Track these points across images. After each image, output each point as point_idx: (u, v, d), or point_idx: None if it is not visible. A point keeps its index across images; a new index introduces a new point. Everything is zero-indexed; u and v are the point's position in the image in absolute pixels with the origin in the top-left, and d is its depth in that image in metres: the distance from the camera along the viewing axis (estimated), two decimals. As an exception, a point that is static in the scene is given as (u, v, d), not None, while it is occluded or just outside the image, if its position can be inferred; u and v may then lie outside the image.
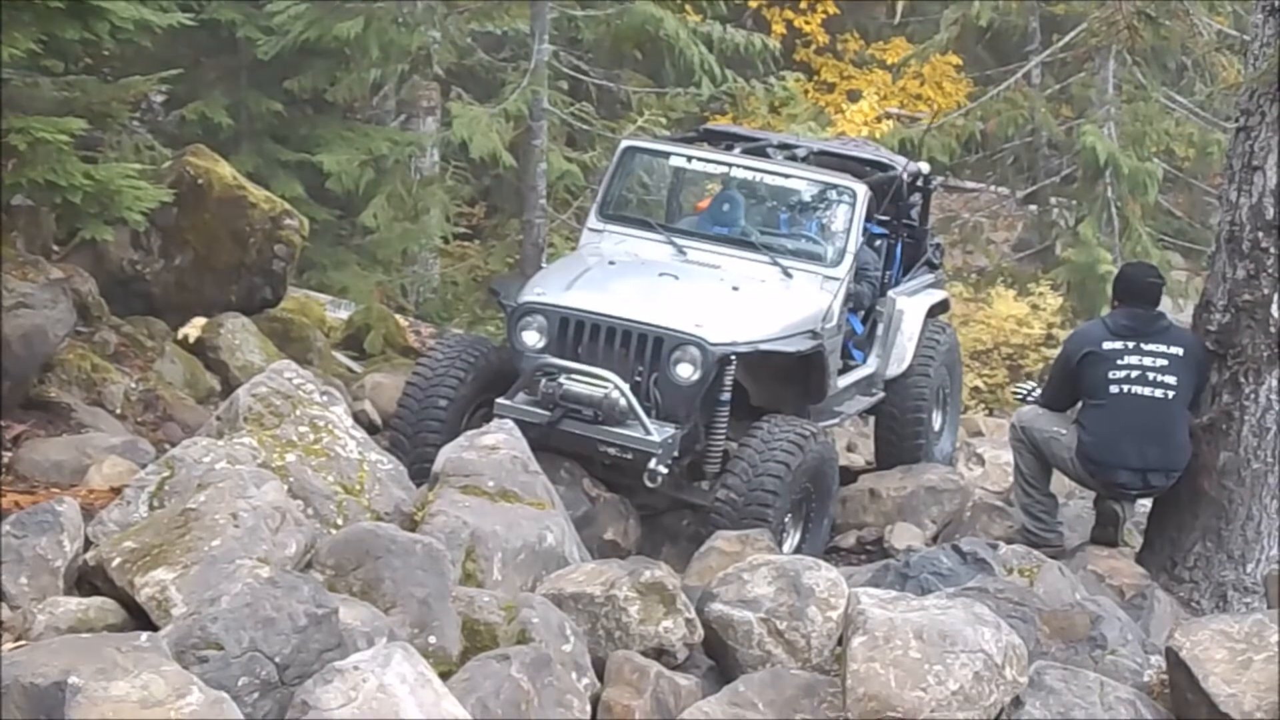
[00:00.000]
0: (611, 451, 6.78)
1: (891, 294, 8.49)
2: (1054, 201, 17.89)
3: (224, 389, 7.86)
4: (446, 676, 4.21)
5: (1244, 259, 6.37)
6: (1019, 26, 17.75)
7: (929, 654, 4.34)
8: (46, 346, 6.52)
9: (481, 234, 15.26)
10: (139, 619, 4.39)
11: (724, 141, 8.69)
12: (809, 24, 20.47)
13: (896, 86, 20.12)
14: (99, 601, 4.45)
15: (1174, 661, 4.62)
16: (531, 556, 5.33)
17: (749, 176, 8.04)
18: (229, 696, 3.76)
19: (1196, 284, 12.66)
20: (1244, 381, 6.41)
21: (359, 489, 5.49)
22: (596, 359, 6.86)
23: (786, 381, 7.44)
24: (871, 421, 8.90)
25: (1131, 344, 6.68)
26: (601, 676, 4.68)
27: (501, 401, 6.86)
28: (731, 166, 8.08)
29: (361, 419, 7.68)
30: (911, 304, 8.56)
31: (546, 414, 6.75)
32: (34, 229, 7.52)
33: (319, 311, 10.84)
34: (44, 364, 6.63)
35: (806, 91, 18.32)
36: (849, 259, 7.67)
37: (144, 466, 5.46)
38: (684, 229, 8.03)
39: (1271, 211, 6.28)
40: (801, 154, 8.36)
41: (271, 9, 10.89)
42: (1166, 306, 6.90)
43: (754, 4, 19.46)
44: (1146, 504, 7.08)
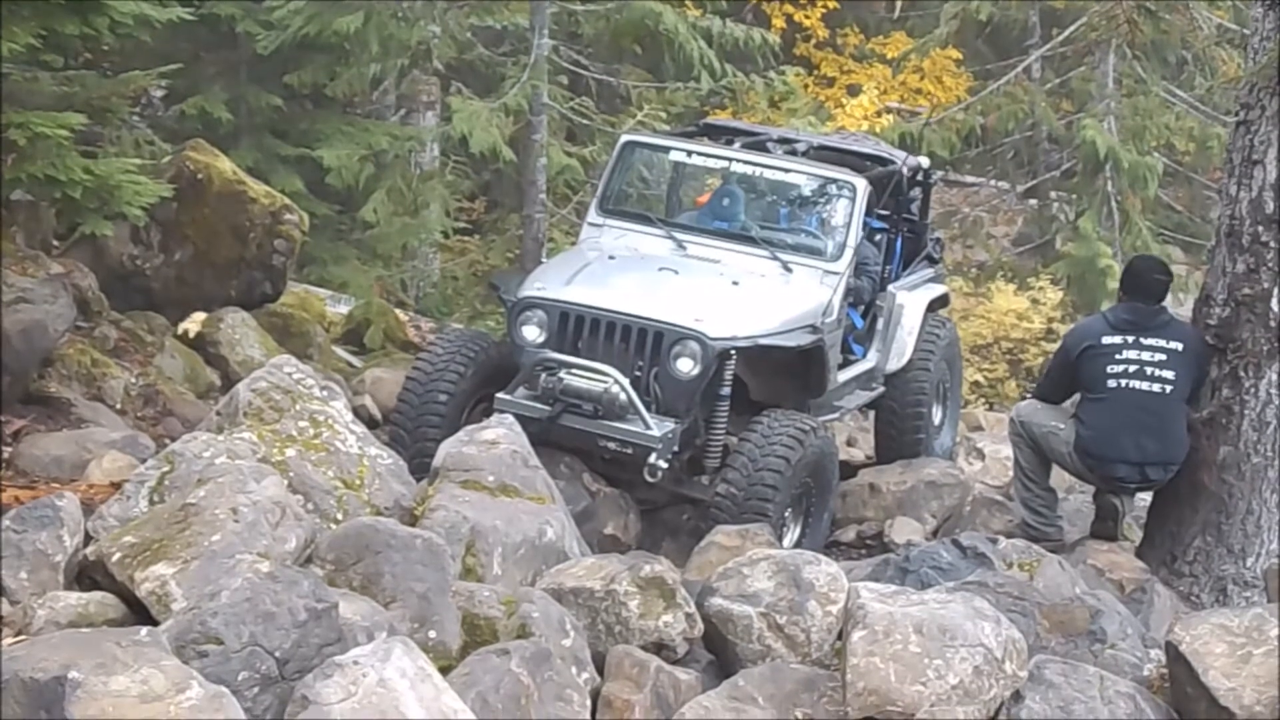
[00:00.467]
0: (611, 446, 6.77)
1: (891, 289, 8.49)
2: (1054, 196, 17.88)
3: (224, 384, 7.86)
4: (446, 671, 4.21)
5: (1244, 253, 6.36)
6: (1019, 21, 17.73)
7: (929, 648, 4.35)
8: (46, 341, 6.52)
9: (481, 229, 15.26)
10: (139, 614, 4.39)
11: (724, 136, 8.69)
12: (809, 18, 20.45)
13: (896, 81, 20.09)
14: (99, 596, 4.46)
15: (1174, 655, 4.62)
16: (531, 551, 5.34)
17: (749, 171, 8.04)
18: (229, 691, 3.76)
19: (1196, 278, 12.65)
20: (1244, 376, 6.41)
21: (359, 484, 5.49)
22: (596, 354, 6.86)
23: (786, 376, 7.44)
24: (871, 416, 8.90)
25: (1131, 338, 6.69)
26: (601, 671, 4.68)
27: (501, 396, 6.86)
28: (731, 161, 8.08)
29: (361, 414, 7.68)
30: (911, 299, 8.56)
31: (546, 409, 6.75)
32: (34, 224, 7.52)
33: (319, 306, 10.84)
34: (44, 359, 6.63)
35: (806, 86, 18.31)
36: (849, 254, 7.67)
37: (144, 461, 5.47)
38: (684, 224, 8.03)
39: (1271, 205, 6.27)
40: (801, 149, 8.36)
41: (271, 4, 10.89)
42: (1166, 300, 6.90)
43: (753, -2, 19.47)
44: (1146, 498, 7.09)
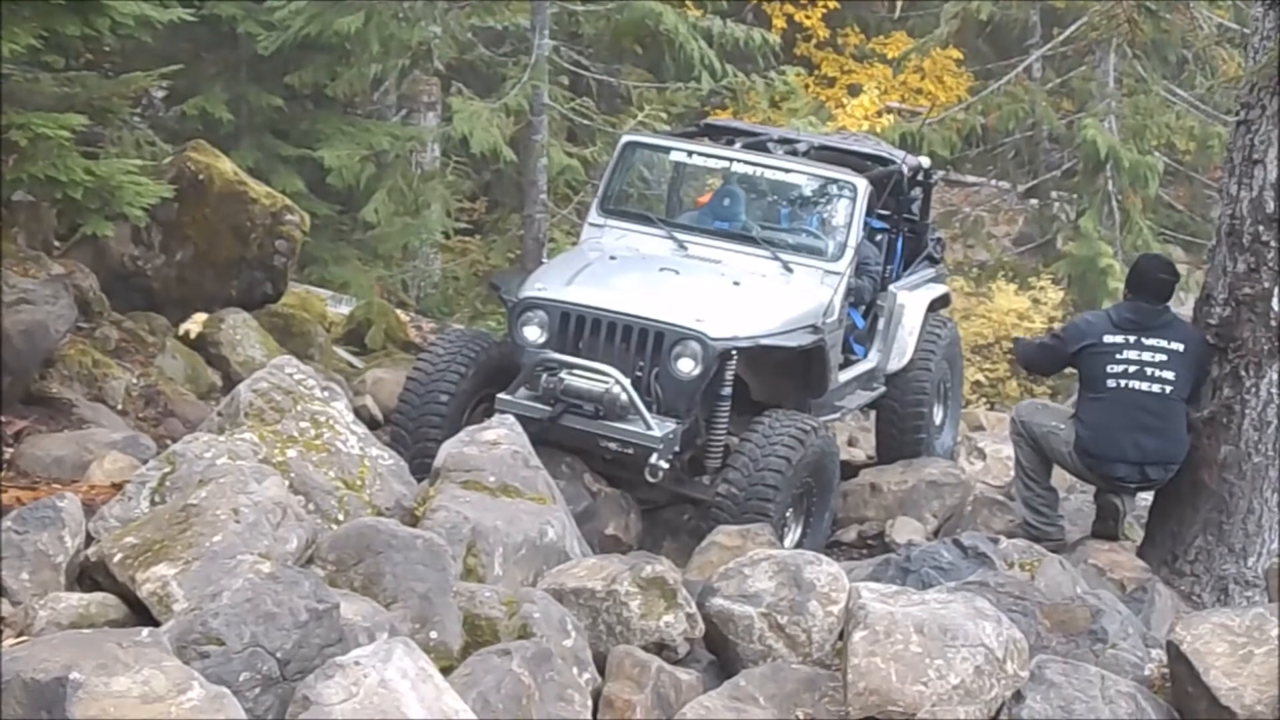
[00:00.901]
0: (612, 446, 6.78)
1: (892, 288, 8.49)
2: (1055, 195, 17.87)
3: (225, 384, 7.87)
4: (448, 671, 4.22)
5: (1244, 252, 6.36)
6: (1019, 20, 17.74)
7: (930, 648, 4.35)
8: (48, 342, 6.53)
9: (482, 229, 15.27)
10: (140, 614, 4.39)
11: (724, 136, 8.69)
12: (809, 18, 20.44)
13: (897, 81, 20.08)
14: (100, 597, 4.46)
15: (1175, 655, 4.62)
16: (532, 551, 5.34)
17: (750, 171, 8.04)
18: (230, 692, 3.76)
19: (1197, 277, 12.65)
20: (1245, 375, 6.41)
21: (360, 484, 5.49)
22: (597, 354, 6.86)
23: (787, 376, 7.45)
24: (872, 416, 8.90)
25: (1133, 338, 6.69)
26: (603, 671, 4.68)
27: (502, 397, 6.86)
28: (732, 161, 8.08)
29: (362, 414, 7.69)
30: (912, 298, 8.56)
31: (547, 409, 6.75)
32: (35, 225, 7.53)
33: (320, 307, 10.85)
34: (45, 359, 6.64)
35: (807, 86, 18.30)
36: (850, 254, 7.67)
37: (145, 462, 5.47)
38: (685, 224, 8.03)
39: (1272, 205, 6.27)
40: (802, 149, 8.36)
41: (272, 4, 10.90)
42: (1171, 300, 6.90)
43: (754, -2, 19.47)
44: (1147, 498, 7.09)
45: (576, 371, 6.78)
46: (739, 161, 8.04)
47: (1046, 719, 4.41)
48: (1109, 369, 6.70)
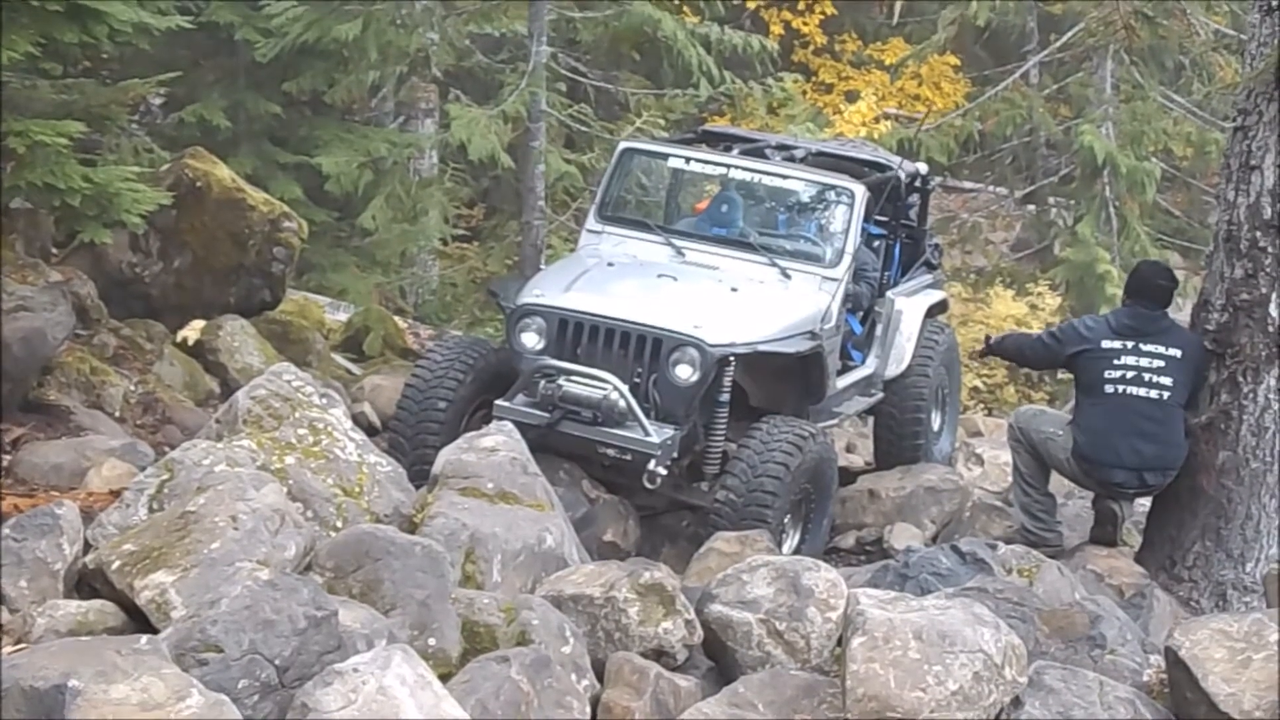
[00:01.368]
0: (610, 453, 6.78)
1: (890, 294, 8.49)
2: (1052, 201, 17.89)
3: (223, 391, 7.87)
4: (446, 678, 4.22)
5: (1242, 258, 6.37)
6: (1017, 26, 17.76)
7: (928, 654, 4.35)
8: (46, 349, 6.52)
9: (480, 235, 15.26)
10: (139, 622, 4.39)
11: (722, 142, 8.70)
12: (807, 25, 20.46)
13: (894, 87, 20.11)
14: (98, 604, 4.46)
15: (1173, 660, 4.62)
16: (531, 558, 5.34)
17: (747, 177, 8.04)
18: (229, 699, 3.76)
19: (1195, 283, 12.66)
20: (1242, 380, 6.42)
21: (358, 491, 5.49)
22: (595, 360, 6.86)
23: (785, 382, 7.45)
24: (870, 422, 8.90)
25: (1130, 344, 6.69)
26: (601, 678, 4.68)
27: (500, 403, 6.86)
28: (730, 168, 8.07)
29: (361, 421, 7.68)
30: (910, 304, 8.57)
31: (546, 415, 6.75)
32: (33, 232, 7.52)
33: (318, 313, 10.84)
34: (43, 367, 6.63)
35: (804, 92, 18.31)
36: (847, 259, 7.67)
37: (143, 469, 5.46)
38: (682, 230, 8.02)
39: (1269, 211, 6.28)
40: (800, 155, 8.36)
41: (270, 11, 10.91)
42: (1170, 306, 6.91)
43: (752, 5, 19.45)
44: (1145, 503, 7.09)
45: (575, 378, 6.78)
46: (736, 168, 8.04)
47: (1045, 725, 4.41)
48: (1107, 374, 6.70)
